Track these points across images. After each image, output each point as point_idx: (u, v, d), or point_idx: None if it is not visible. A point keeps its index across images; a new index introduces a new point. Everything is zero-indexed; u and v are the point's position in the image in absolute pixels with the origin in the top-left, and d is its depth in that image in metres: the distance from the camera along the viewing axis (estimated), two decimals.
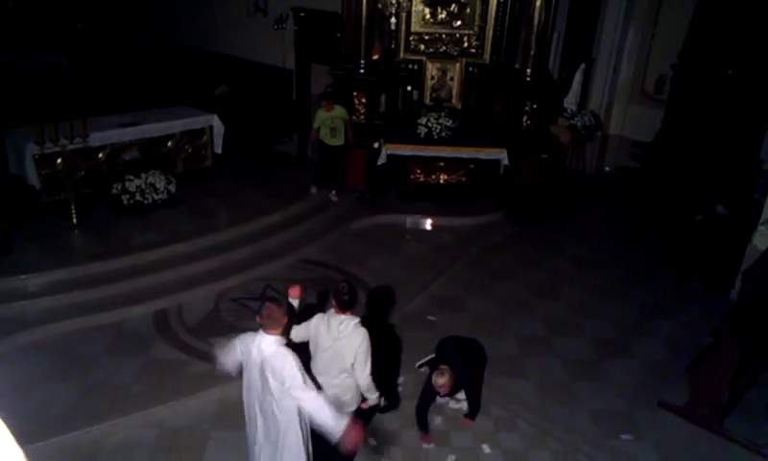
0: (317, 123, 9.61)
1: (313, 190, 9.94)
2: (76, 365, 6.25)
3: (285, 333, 4.19)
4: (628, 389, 6.48)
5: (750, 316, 6.24)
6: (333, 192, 10.04)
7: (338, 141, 9.72)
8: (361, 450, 5.41)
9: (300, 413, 4.22)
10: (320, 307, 7.35)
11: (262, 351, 4.04)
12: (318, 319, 4.65)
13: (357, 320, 4.54)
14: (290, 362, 4.01)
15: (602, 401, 6.28)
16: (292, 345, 4.32)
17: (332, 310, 4.59)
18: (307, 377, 4.07)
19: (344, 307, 4.52)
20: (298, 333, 4.73)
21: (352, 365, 4.52)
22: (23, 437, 4.95)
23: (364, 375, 4.54)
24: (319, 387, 4.29)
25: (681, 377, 6.39)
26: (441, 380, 5.38)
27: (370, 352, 4.51)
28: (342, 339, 4.47)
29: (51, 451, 5.25)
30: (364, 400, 4.82)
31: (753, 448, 5.66)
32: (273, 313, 4.04)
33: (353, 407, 4.73)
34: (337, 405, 4.59)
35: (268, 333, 4.05)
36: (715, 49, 9.76)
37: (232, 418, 5.66)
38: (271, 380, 4.06)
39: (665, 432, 5.90)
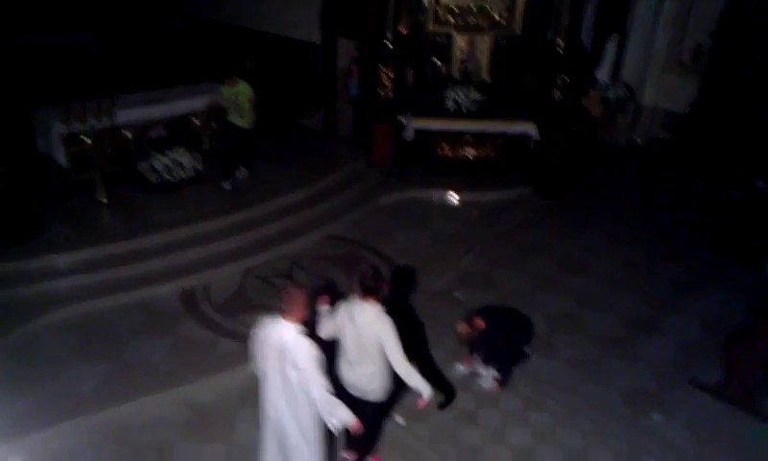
0: (222, 100, 8.86)
1: (227, 186, 8.96)
2: (106, 343, 6.34)
3: (307, 324, 4.14)
4: (659, 367, 6.36)
5: None
6: (244, 171, 9.23)
7: (244, 122, 8.81)
8: (389, 429, 5.44)
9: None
10: (346, 287, 7.38)
11: (282, 337, 4.04)
12: (342, 309, 4.59)
13: (379, 308, 4.43)
14: (308, 353, 4.01)
15: (633, 380, 6.18)
16: (318, 341, 4.28)
17: (356, 297, 4.52)
18: (320, 374, 4.06)
19: (367, 293, 4.43)
20: (327, 330, 4.70)
21: (377, 352, 4.45)
22: (55, 416, 5.08)
23: (397, 362, 4.41)
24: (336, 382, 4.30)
25: (713, 356, 6.25)
26: (460, 326, 5.85)
27: (397, 339, 4.39)
28: (363, 327, 4.40)
29: (83, 429, 5.36)
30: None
31: None
32: (294, 297, 4.04)
33: (378, 396, 4.68)
34: (362, 393, 4.62)
35: (287, 320, 4.06)
36: (757, 19, 9.36)
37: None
38: (290, 370, 4.06)
39: (697, 411, 5.78)
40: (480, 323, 5.75)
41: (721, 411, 5.78)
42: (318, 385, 4.07)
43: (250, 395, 5.75)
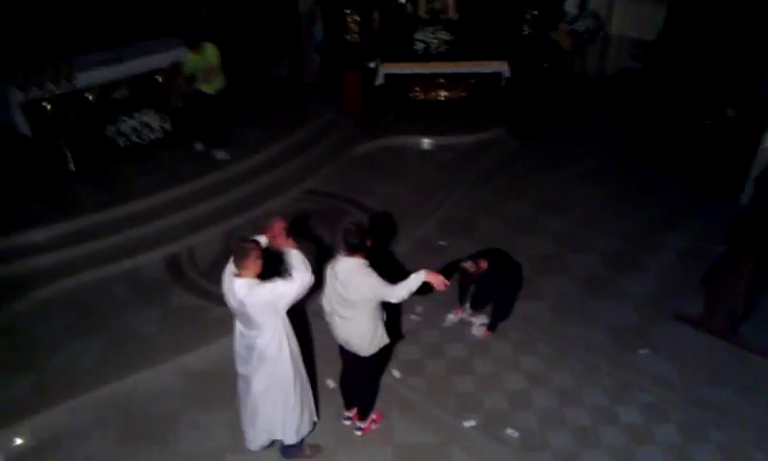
0: (190, 70, 8.11)
1: (199, 147, 8.70)
2: (97, 318, 6.28)
3: (260, 276, 4.16)
4: (642, 303, 6.57)
5: (764, 224, 6.25)
6: (223, 152, 8.60)
7: (217, 86, 8.30)
8: (386, 383, 5.56)
9: (288, 341, 4.35)
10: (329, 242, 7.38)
11: (235, 294, 4.08)
12: (329, 266, 4.65)
13: (362, 262, 4.47)
14: (266, 288, 4.06)
15: (617, 317, 6.39)
16: None
17: (341, 253, 4.55)
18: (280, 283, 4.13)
19: (352, 250, 4.45)
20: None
21: (364, 307, 4.52)
22: (57, 395, 5.03)
23: (394, 297, 4.46)
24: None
25: (693, 288, 6.46)
26: (466, 264, 5.90)
27: (382, 282, 4.43)
28: (347, 282, 4.45)
29: (86, 406, 5.38)
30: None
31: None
32: (245, 252, 4.05)
33: (372, 351, 4.76)
34: (356, 349, 4.75)
35: (240, 277, 4.07)
36: None
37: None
38: (255, 317, 4.12)
39: (681, 344, 6.03)
40: (484, 264, 5.91)
41: (704, 342, 6.03)
42: (291, 284, 4.11)
43: None
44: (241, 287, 4.06)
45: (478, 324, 6.26)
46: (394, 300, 4.50)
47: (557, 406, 5.42)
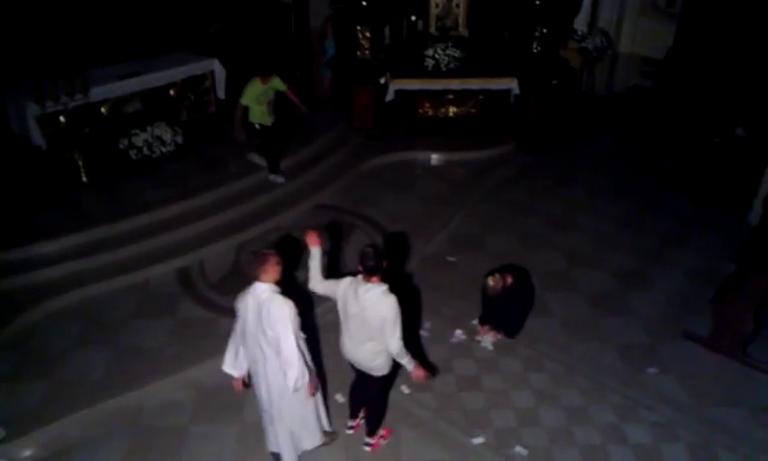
0: (248, 99, 8.05)
1: (280, 180, 8.66)
2: (107, 329, 6.33)
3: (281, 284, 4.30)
4: (651, 321, 6.57)
5: None
6: (278, 174, 8.67)
7: (269, 119, 8.29)
8: (395, 399, 5.57)
9: (302, 357, 4.36)
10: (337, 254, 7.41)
11: (258, 297, 4.18)
12: (346, 284, 4.57)
13: (384, 287, 4.42)
14: (280, 308, 4.16)
15: (627, 336, 6.38)
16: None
17: (359, 277, 4.49)
18: (291, 330, 4.21)
19: (370, 273, 4.41)
20: (325, 287, 4.72)
21: (381, 331, 4.47)
22: (68, 405, 5.07)
23: (393, 341, 4.45)
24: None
25: (702, 306, 6.44)
26: (492, 282, 5.99)
27: (399, 320, 4.41)
28: (368, 307, 4.41)
29: (96, 418, 5.40)
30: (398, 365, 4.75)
31: None
32: (265, 259, 4.20)
33: (384, 371, 4.76)
34: (367, 369, 4.73)
35: (262, 281, 4.20)
36: None
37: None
38: (267, 329, 4.19)
39: (690, 364, 6.01)
40: (510, 278, 6.00)
41: (713, 362, 6.01)
42: (286, 342, 4.19)
43: None
44: (263, 291, 4.18)
45: (487, 337, 6.26)
46: (391, 346, 4.49)
47: (566, 424, 5.41)
